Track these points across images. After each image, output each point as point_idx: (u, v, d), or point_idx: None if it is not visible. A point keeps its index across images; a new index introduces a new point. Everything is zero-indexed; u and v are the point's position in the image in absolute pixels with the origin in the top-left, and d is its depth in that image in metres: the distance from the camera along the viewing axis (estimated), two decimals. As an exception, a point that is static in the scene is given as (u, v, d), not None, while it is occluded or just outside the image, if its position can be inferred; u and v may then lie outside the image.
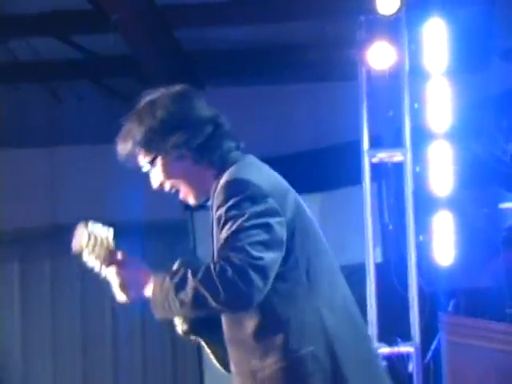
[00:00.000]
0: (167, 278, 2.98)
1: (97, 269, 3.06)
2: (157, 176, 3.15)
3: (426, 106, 6.18)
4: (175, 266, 3.13)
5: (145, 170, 3.19)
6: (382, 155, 6.04)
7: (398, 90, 6.07)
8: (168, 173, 3.15)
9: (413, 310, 5.90)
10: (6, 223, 9.79)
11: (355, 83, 6.10)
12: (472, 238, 6.32)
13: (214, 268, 2.89)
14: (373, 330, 5.87)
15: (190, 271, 2.96)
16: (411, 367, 5.93)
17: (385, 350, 5.85)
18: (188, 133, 3.09)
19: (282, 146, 8.80)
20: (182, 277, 2.96)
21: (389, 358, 5.93)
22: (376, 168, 6.13)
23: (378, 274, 6.00)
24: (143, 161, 3.15)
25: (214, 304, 2.93)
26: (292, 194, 3.19)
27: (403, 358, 6.00)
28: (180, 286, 2.95)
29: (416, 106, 6.12)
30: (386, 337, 5.96)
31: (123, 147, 3.14)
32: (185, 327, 3.26)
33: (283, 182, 3.19)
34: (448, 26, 6.25)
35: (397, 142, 6.11)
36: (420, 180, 6.13)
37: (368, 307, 5.94)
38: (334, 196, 8.42)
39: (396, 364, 5.94)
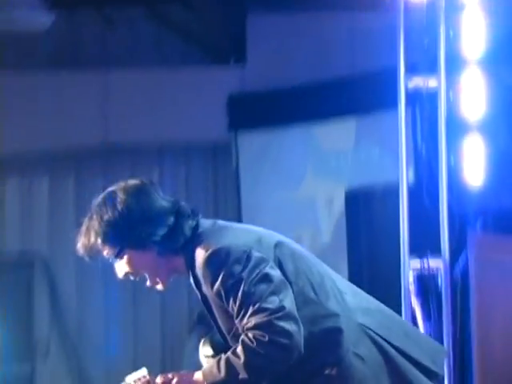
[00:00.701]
0: (216, 377, 3.22)
1: None
2: (122, 267, 3.28)
3: (461, 33, 6.20)
4: (203, 349, 3.44)
5: (110, 260, 3.32)
6: (418, 81, 6.17)
7: (434, 19, 6.13)
8: (134, 265, 3.28)
9: (443, 227, 6.06)
10: (60, 141, 10.22)
11: (392, 14, 6.16)
12: (502, 162, 6.46)
13: (251, 341, 3.14)
14: (405, 245, 6.12)
15: (230, 357, 3.20)
16: (441, 281, 6.11)
17: (416, 263, 6.05)
18: (151, 226, 3.25)
19: (322, 71, 9.02)
20: (228, 367, 3.18)
21: (419, 273, 6.16)
22: (411, 94, 6.25)
23: (410, 194, 6.19)
24: (108, 254, 3.26)
25: (271, 369, 3.22)
26: (268, 238, 3.43)
27: (433, 276, 6.17)
28: (233, 375, 3.19)
29: (451, 33, 6.15)
30: (417, 252, 6.12)
31: (85, 242, 3.25)
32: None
33: (253, 231, 3.47)
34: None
35: (432, 69, 6.18)
36: (453, 105, 6.21)
37: (400, 223, 6.15)
38: (369, 120, 8.81)
39: (427, 278, 6.11)
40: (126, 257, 3.24)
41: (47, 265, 11.22)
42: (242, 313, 3.17)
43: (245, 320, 3.16)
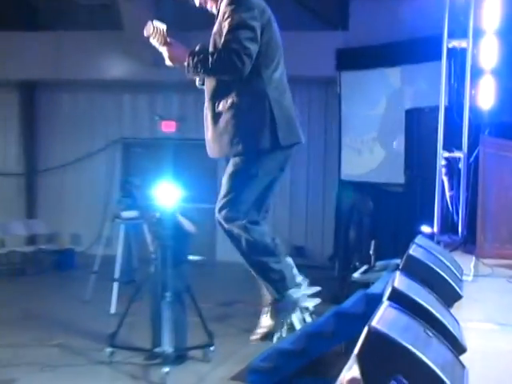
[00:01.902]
0: (196, 55, 4.19)
1: (157, 47, 4.42)
2: None
3: (483, 12, 7.73)
4: (197, 47, 4.29)
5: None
6: (454, 43, 7.86)
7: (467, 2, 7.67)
8: None
9: (464, 133, 7.71)
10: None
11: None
12: (504, 94, 7.98)
13: (223, 52, 4.13)
14: (440, 143, 7.83)
15: (209, 53, 4.19)
16: (461, 165, 7.72)
17: (446, 154, 7.78)
18: None
19: (397, 34, 11.51)
20: (205, 54, 4.16)
21: (448, 160, 7.84)
22: (449, 50, 7.91)
23: (445, 113, 7.90)
24: None
25: (222, 71, 4.24)
26: (268, 12, 4.46)
27: (456, 162, 7.80)
28: (205, 59, 4.17)
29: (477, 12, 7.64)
30: (448, 147, 7.80)
31: None
32: (200, 82, 4.62)
33: (263, 3, 4.44)
34: None
35: (464, 35, 7.78)
36: (475, 58, 7.81)
37: (439, 130, 7.87)
38: (423, 66, 11.03)
39: (452, 164, 7.82)
40: None
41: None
42: (228, 34, 4.18)
43: (229, 37, 4.17)
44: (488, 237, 7.16)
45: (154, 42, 4.37)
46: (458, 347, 3.38)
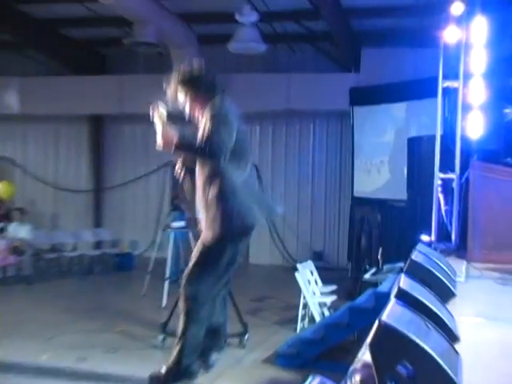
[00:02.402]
0: (184, 141, 4.61)
1: (156, 124, 4.86)
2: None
3: (471, 59, 7.60)
4: (183, 137, 4.66)
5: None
6: (448, 83, 7.89)
7: (458, 51, 7.63)
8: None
9: (457, 157, 7.69)
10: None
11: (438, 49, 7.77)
12: (490, 127, 7.82)
13: (204, 147, 4.52)
14: (436, 166, 7.76)
15: (195, 144, 4.58)
16: (454, 185, 7.68)
17: (442, 175, 7.77)
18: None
19: (397, 77, 11.54)
20: (191, 142, 4.58)
21: (443, 180, 7.80)
22: (444, 90, 7.93)
23: (441, 141, 7.89)
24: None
25: (202, 157, 4.62)
26: (239, 121, 4.72)
27: (450, 182, 7.74)
28: (191, 146, 4.59)
29: (466, 59, 7.53)
30: (443, 170, 7.77)
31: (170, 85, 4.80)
32: (179, 169, 4.92)
33: (236, 112, 4.70)
34: None
35: (456, 77, 7.75)
36: (465, 96, 7.66)
37: (435, 156, 7.83)
38: (422, 103, 10.98)
39: (447, 183, 7.76)
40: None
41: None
42: (209, 134, 4.52)
43: (208, 137, 4.50)
44: (477, 244, 7.10)
45: (156, 119, 4.81)
46: (452, 337, 3.39)
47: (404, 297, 3.47)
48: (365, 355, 3.13)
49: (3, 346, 8.13)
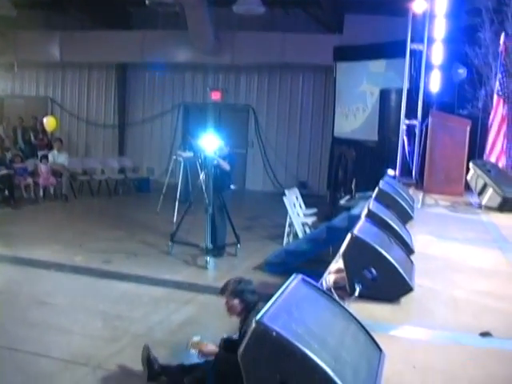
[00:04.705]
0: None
1: (193, 352, 4.08)
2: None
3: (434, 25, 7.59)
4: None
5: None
6: (414, 46, 7.90)
7: (424, 19, 7.58)
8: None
9: (419, 106, 7.76)
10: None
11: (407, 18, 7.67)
12: (445, 82, 7.93)
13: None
14: (402, 113, 7.75)
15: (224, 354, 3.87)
16: (416, 130, 7.71)
17: (406, 121, 7.82)
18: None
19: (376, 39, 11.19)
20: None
21: (407, 125, 7.85)
22: (411, 51, 7.92)
23: (407, 93, 7.86)
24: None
25: None
26: None
27: (413, 127, 7.76)
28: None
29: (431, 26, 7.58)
30: (407, 116, 7.83)
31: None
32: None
33: None
34: None
35: (421, 41, 7.73)
36: (428, 57, 7.74)
37: (402, 105, 7.83)
38: (392, 61, 10.90)
39: (411, 128, 7.76)
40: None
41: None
42: None
43: None
44: (432, 178, 7.19)
45: (193, 350, 4.15)
46: (409, 250, 3.51)
47: (372, 217, 3.55)
48: (338, 262, 3.25)
49: (46, 248, 8.31)
